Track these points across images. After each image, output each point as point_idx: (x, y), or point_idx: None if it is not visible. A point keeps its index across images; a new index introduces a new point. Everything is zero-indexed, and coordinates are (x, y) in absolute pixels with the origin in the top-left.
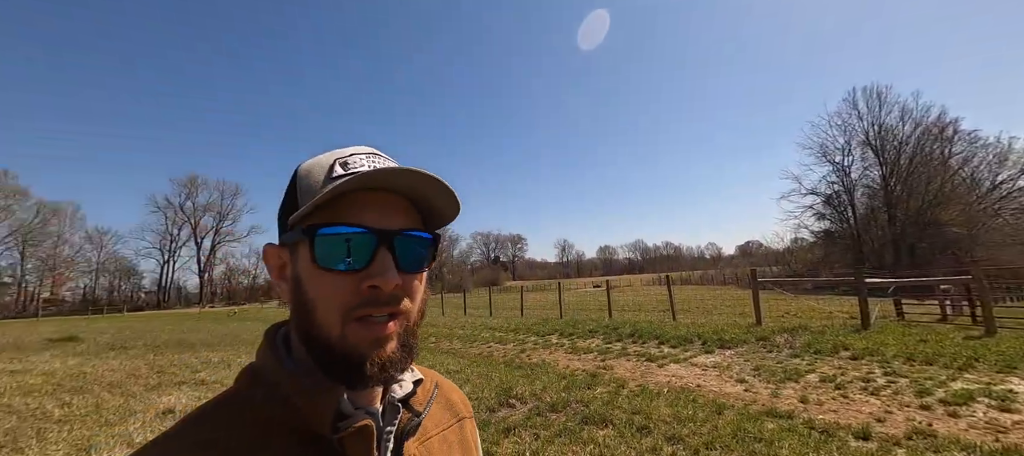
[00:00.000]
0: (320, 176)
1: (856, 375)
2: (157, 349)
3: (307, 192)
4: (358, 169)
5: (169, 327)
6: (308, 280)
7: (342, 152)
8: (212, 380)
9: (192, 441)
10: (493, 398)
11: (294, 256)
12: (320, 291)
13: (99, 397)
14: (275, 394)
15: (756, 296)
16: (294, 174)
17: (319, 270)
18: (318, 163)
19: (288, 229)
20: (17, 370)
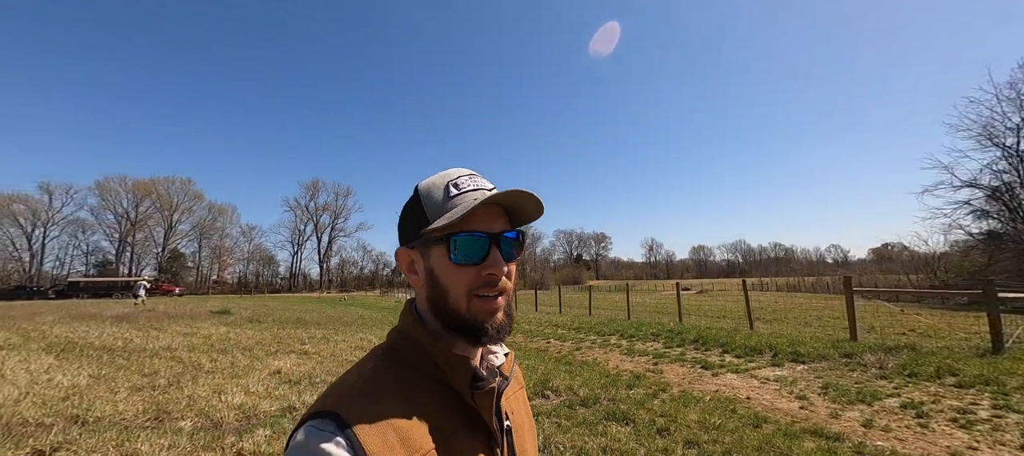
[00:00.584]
0: (440, 196)
1: (952, 404)
2: (281, 324)
3: (434, 208)
4: (466, 190)
5: (293, 307)
6: (442, 272)
7: (450, 174)
8: (313, 351)
9: (380, 377)
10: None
11: (426, 254)
12: (452, 279)
13: (235, 357)
14: (422, 353)
15: (851, 308)
16: (416, 193)
17: (453, 265)
18: (434, 185)
19: (419, 235)
20: (188, 333)
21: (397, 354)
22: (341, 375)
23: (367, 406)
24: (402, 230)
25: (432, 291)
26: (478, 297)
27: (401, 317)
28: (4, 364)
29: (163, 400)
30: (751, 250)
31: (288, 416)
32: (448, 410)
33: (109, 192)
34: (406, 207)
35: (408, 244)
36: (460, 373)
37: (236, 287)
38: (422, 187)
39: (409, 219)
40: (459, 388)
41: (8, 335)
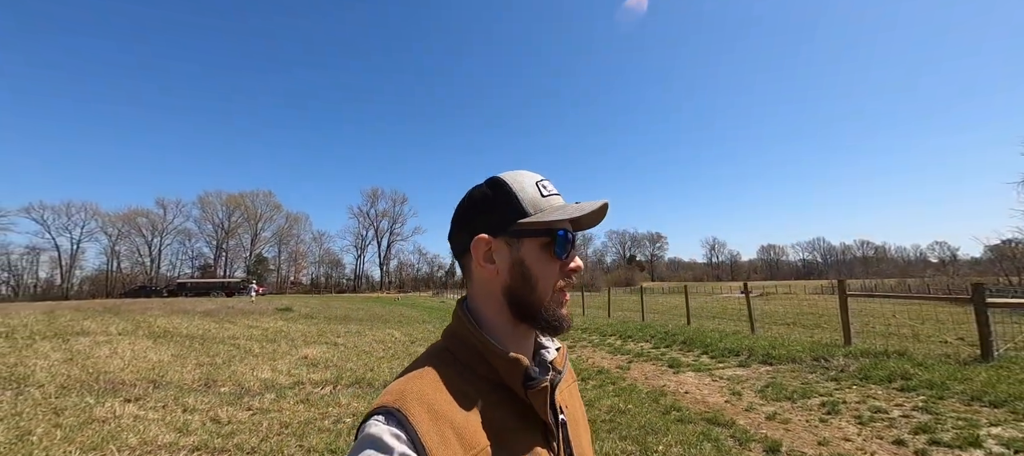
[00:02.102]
0: (534, 192)
1: (875, 404)
2: (329, 320)
3: (530, 201)
4: (552, 193)
5: (348, 306)
6: (534, 265)
7: (531, 175)
8: (342, 343)
9: (436, 375)
10: None
11: (516, 245)
12: (544, 272)
13: (278, 345)
14: (476, 353)
15: (845, 311)
16: (503, 184)
17: (550, 258)
18: (523, 181)
19: (513, 225)
20: (252, 325)
21: (451, 353)
22: (400, 373)
23: (425, 403)
24: (482, 217)
25: (517, 282)
26: (559, 291)
27: (454, 317)
28: (118, 345)
29: (214, 373)
30: (832, 249)
31: (295, 387)
32: (503, 407)
33: (208, 205)
34: (483, 198)
35: (495, 233)
36: (514, 371)
37: (309, 288)
38: (510, 179)
39: (495, 208)
40: (513, 386)
41: (125, 324)
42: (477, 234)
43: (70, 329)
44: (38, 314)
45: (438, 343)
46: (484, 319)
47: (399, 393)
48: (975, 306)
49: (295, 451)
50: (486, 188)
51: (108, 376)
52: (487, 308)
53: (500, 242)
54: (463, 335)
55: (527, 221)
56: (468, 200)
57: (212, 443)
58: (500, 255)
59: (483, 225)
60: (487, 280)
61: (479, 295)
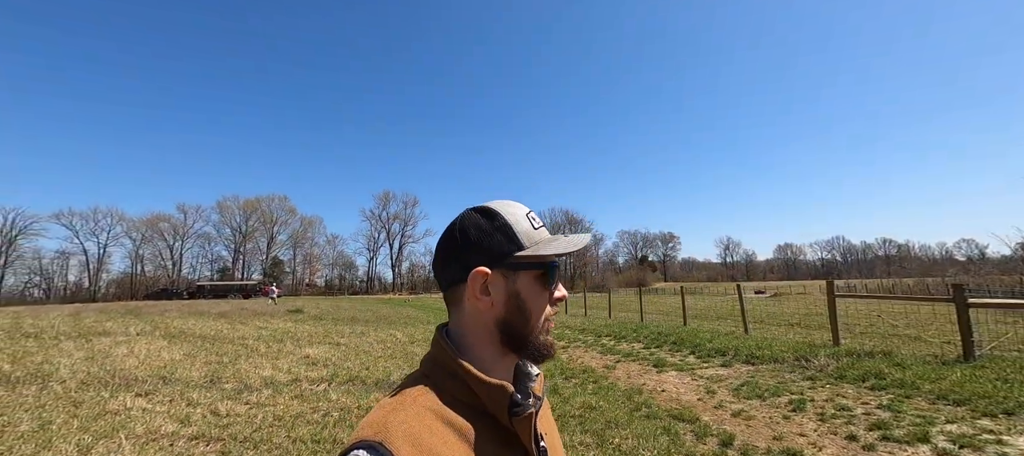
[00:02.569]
0: (527, 225)
1: (841, 403)
2: (336, 321)
3: (526, 236)
4: (540, 224)
5: (358, 307)
6: (529, 297)
7: (519, 206)
8: (344, 343)
9: (419, 405)
10: None
11: (512, 278)
12: (537, 304)
13: (284, 345)
14: (459, 382)
15: (833, 312)
16: (499, 216)
17: (542, 290)
18: (516, 214)
19: (510, 258)
20: (262, 327)
21: (433, 382)
22: (380, 403)
23: (408, 435)
24: (477, 250)
25: (512, 315)
26: (548, 320)
27: (433, 345)
28: (135, 344)
29: (219, 370)
30: (852, 248)
31: (292, 384)
32: (487, 436)
33: (226, 209)
34: (478, 230)
35: (492, 265)
36: (499, 399)
37: (323, 290)
38: (504, 210)
39: (490, 240)
40: (497, 414)
41: (143, 325)
42: (474, 266)
43: (93, 330)
44: (65, 315)
45: (417, 372)
46: (468, 348)
47: (380, 425)
48: (956, 306)
49: (283, 441)
50: (480, 218)
51: (123, 373)
52: (475, 337)
53: (497, 275)
54: (445, 363)
55: (524, 254)
56: (461, 231)
57: (209, 433)
58: (496, 287)
59: (481, 257)
60: (480, 311)
61: (467, 325)
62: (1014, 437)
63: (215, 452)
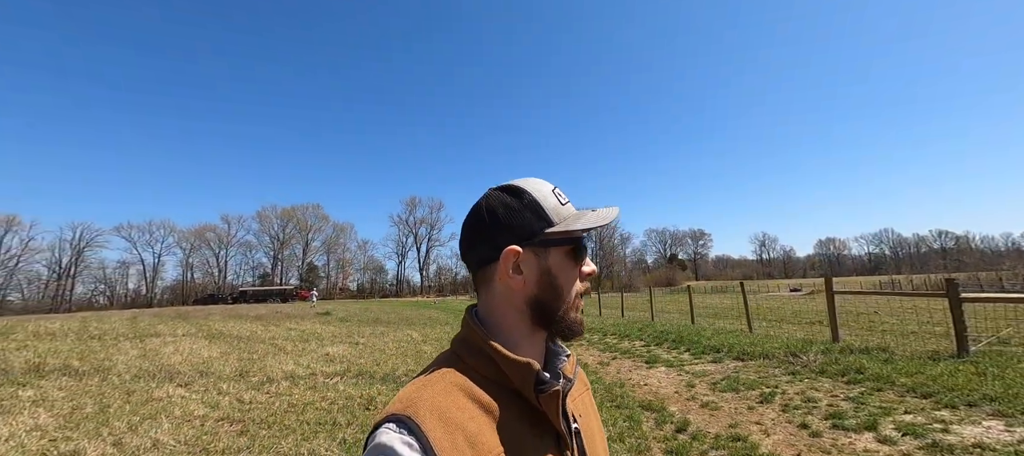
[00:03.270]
0: (554, 201)
1: (810, 395)
2: (360, 323)
3: (554, 211)
4: (567, 200)
5: (384, 310)
6: (560, 273)
7: (545, 183)
8: (363, 342)
9: (447, 382)
10: None
11: (544, 254)
12: (568, 280)
13: (307, 343)
14: (487, 360)
15: (832, 309)
16: (527, 193)
17: (574, 264)
18: (542, 190)
19: (542, 235)
20: (292, 328)
21: (462, 360)
22: (412, 380)
23: (436, 410)
24: (506, 229)
25: (545, 292)
26: (578, 297)
27: (463, 325)
28: (180, 344)
29: (248, 366)
30: (903, 241)
31: (309, 377)
32: (515, 413)
33: (265, 219)
34: (507, 208)
35: (523, 243)
36: (526, 376)
37: (356, 293)
38: (530, 188)
39: (520, 219)
40: (525, 391)
41: (189, 327)
42: (505, 245)
43: (146, 332)
44: (124, 319)
45: (447, 351)
46: (497, 327)
47: (410, 400)
48: (949, 301)
49: (292, 422)
50: (507, 197)
51: (168, 367)
52: (504, 317)
53: (528, 253)
54: (474, 341)
55: (555, 231)
56: (488, 211)
57: (233, 416)
58: (528, 265)
59: (511, 236)
60: (513, 290)
61: (498, 305)
62: (962, 426)
63: (236, 431)
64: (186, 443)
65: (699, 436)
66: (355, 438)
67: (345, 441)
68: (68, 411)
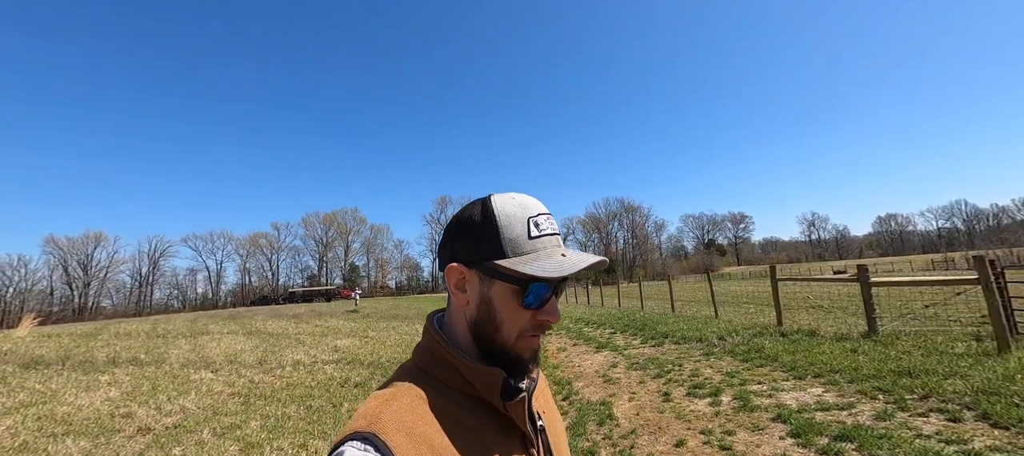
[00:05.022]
0: (521, 230)
1: (703, 371)
2: (380, 319)
3: (513, 241)
4: (545, 233)
5: (412, 306)
6: (502, 307)
7: (528, 206)
8: (373, 336)
9: (411, 395)
10: None
11: (487, 283)
12: (510, 317)
13: (324, 337)
14: (451, 370)
15: (776, 295)
16: (490, 212)
17: (517, 306)
18: (514, 215)
19: (488, 263)
20: (318, 325)
21: (424, 371)
22: (373, 393)
23: (402, 425)
24: (461, 244)
25: (482, 320)
26: (527, 337)
27: (425, 333)
28: (222, 340)
29: (268, 356)
30: (979, 213)
31: (311, 363)
32: (481, 421)
33: (309, 224)
34: (469, 221)
35: (469, 264)
36: (491, 386)
37: (394, 291)
38: (500, 210)
39: (474, 237)
40: (491, 399)
41: (235, 326)
42: (454, 259)
43: (200, 331)
44: (186, 321)
45: (409, 361)
46: (457, 338)
47: (373, 416)
48: (860, 285)
49: (283, 396)
50: (477, 212)
51: (207, 358)
52: (459, 329)
53: (473, 274)
54: (436, 351)
55: (502, 264)
56: (457, 220)
57: (242, 391)
58: (471, 287)
59: (462, 252)
60: (459, 307)
61: (454, 316)
62: (789, 393)
63: (240, 401)
64: (203, 409)
65: (577, 403)
66: (320, 406)
67: (311, 407)
68: (130, 389)
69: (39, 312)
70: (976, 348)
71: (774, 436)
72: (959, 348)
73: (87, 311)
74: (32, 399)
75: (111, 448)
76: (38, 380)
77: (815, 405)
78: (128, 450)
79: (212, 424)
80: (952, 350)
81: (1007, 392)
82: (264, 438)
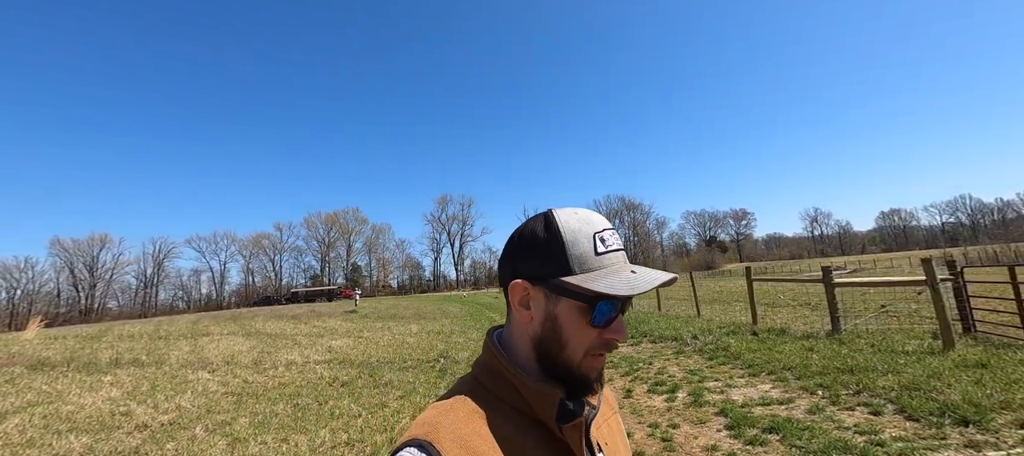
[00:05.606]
0: (588, 247)
1: (669, 369)
2: (378, 319)
3: (579, 258)
4: (611, 249)
5: (411, 305)
6: (569, 326)
7: (594, 222)
8: (366, 337)
9: (468, 408)
10: (434, 354)
11: (553, 300)
12: (577, 335)
13: (320, 338)
14: (508, 387)
15: (751, 294)
16: (555, 228)
17: (585, 324)
18: (580, 231)
19: (554, 280)
20: (316, 324)
21: (483, 386)
22: (432, 404)
23: (457, 437)
24: (525, 260)
25: (548, 337)
26: (592, 355)
27: (485, 349)
28: (221, 340)
29: (263, 357)
30: (984, 207)
31: (303, 363)
32: (536, 442)
33: (312, 225)
34: (533, 237)
35: (534, 281)
36: (548, 406)
37: (396, 290)
38: (565, 226)
39: (541, 254)
40: (547, 421)
41: (235, 327)
42: (517, 276)
43: (201, 332)
44: (188, 323)
45: (468, 375)
46: (517, 355)
47: (431, 425)
48: (825, 286)
49: (273, 394)
50: (540, 227)
51: (206, 359)
52: (520, 347)
53: (538, 291)
54: (495, 368)
55: (569, 281)
56: (519, 236)
57: (236, 390)
58: (536, 304)
59: (525, 269)
60: (521, 324)
61: (515, 332)
62: (738, 388)
63: (233, 399)
64: (197, 407)
65: None
66: (306, 403)
67: (298, 404)
68: (131, 388)
69: (46, 314)
70: (926, 346)
71: (713, 429)
72: (911, 346)
73: (93, 313)
74: (39, 399)
75: (110, 444)
76: (44, 381)
77: (759, 400)
78: (126, 445)
79: (205, 421)
80: (903, 348)
81: (928, 387)
82: (250, 433)
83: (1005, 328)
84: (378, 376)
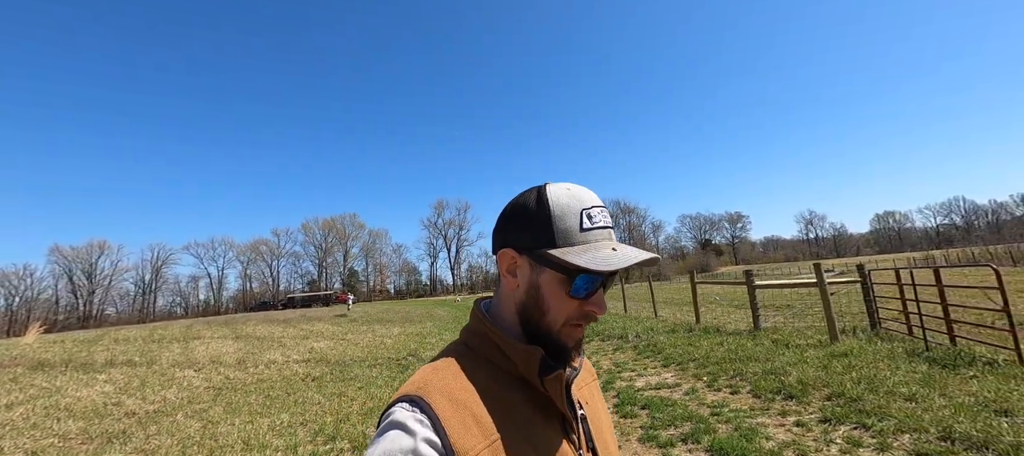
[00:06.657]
0: (574, 223)
1: (603, 363)
2: (366, 322)
3: (564, 232)
4: (598, 226)
5: (403, 309)
6: (550, 295)
7: (583, 198)
8: (351, 339)
9: (456, 368)
10: (404, 353)
11: (537, 270)
12: (558, 305)
13: (305, 340)
14: (494, 348)
15: (694, 295)
16: (545, 201)
17: (565, 295)
18: (568, 206)
19: (540, 252)
20: (305, 327)
21: (470, 348)
22: (423, 367)
23: (446, 392)
24: (514, 230)
25: (530, 304)
26: (571, 325)
27: (471, 316)
28: (211, 344)
29: (247, 357)
30: (978, 209)
31: (283, 362)
32: (521, 397)
33: (309, 230)
34: (524, 209)
35: (520, 250)
36: (531, 362)
37: (393, 295)
38: (554, 200)
39: (529, 225)
40: (529, 376)
41: (226, 331)
42: (507, 245)
43: (192, 336)
44: (181, 327)
45: (457, 340)
46: (503, 320)
47: (421, 382)
48: (748, 288)
49: (251, 390)
50: (532, 200)
51: (194, 360)
52: (506, 312)
53: (524, 260)
54: (481, 331)
55: (552, 254)
56: (512, 206)
57: (218, 385)
58: (522, 272)
59: (514, 239)
60: (508, 291)
61: (503, 300)
62: (646, 376)
63: (213, 393)
64: (181, 399)
65: None
66: (277, 394)
67: (269, 395)
68: (123, 384)
69: (45, 320)
70: (815, 341)
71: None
72: (804, 341)
73: (92, 319)
74: (39, 394)
75: (102, 427)
76: (44, 379)
77: (655, 385)
78: (115, 428)
79: (185, 409)
80: (796, 342)
81: (782, 372)
82: (223, 417)
83: (891, 324)
84: (347, 372)
